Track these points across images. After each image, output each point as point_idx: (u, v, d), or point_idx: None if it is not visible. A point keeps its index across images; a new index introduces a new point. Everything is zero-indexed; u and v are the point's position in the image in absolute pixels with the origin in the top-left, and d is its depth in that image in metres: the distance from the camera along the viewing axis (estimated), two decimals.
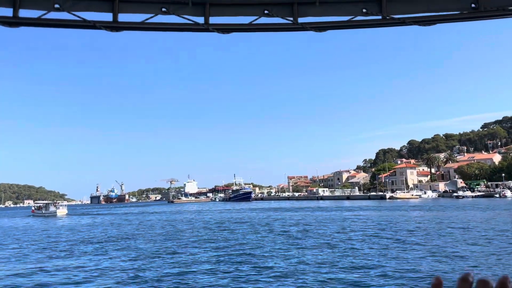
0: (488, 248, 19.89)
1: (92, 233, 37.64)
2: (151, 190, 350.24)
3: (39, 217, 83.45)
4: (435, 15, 4.96)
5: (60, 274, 16.94)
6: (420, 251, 19.63)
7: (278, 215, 55.21)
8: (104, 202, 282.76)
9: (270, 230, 32.79)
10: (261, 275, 15.28)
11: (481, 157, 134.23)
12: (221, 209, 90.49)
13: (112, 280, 15.45)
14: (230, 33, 6.33)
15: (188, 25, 6.22)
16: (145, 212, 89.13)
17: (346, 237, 26.62)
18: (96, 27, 5.93)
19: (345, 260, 17.76)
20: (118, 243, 28.00)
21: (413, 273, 14.63)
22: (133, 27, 6.20)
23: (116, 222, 53.93)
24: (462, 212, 46.91)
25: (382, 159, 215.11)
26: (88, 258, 21.64)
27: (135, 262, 19.56)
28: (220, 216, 59.06)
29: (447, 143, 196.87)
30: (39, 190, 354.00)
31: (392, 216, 44.30)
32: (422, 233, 27.16)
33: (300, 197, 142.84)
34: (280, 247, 22.38)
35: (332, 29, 5.93)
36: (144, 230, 38.58)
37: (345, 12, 5.67)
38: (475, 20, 4.71)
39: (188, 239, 28.94)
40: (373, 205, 74.41)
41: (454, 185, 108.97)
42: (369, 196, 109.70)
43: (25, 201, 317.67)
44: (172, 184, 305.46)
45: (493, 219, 36.16)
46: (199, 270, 16.73)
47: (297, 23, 6.04)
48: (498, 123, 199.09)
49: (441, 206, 62.59)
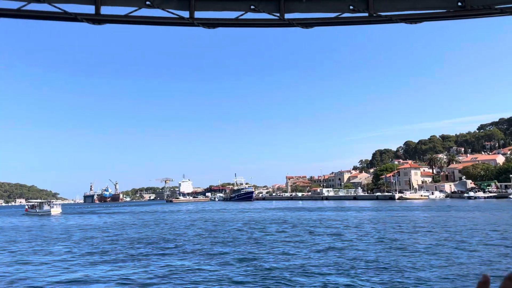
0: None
1: (128, 233, 35.49)
2: (144, 189, 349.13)
3: (33, 216, 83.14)
4: (421, 13, 4.87)
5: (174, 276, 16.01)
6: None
7: (313, 215, 53.52)
8: (98, 201, 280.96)
9: (344, 229, 31.71)
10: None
11: (484, 158, 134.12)
12: (232, 208, 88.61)
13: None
14: (215, 28, 6.21)
15: (172, 19, 6.09)
16: (154, 211, 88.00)
17: (427, 239, 25.41)
18: (77, 19, 5.80)
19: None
20: (177, 244, 26.03)
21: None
22: (116, 20, 6.06)
23: (138, 222, 51.29)
24: (497, 214, 45.55)
25: (379, 159, 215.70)
26: (178, 257, 20.58)
27: (229, 266, 17.92)
28: (243, 216, 56.25)
29: (444, 144, 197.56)
30: (31, 189, 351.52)
31: (434, 217, 42.66)
32: (493, 234, 26.69)
33: (304, 197, 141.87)
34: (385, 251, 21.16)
35: (319, 25, 5.83)
36: (184, 230, 36.41)
37: (332, 9, 5.57)
38: (462, 19, 4.61)
39: (251, 240, 26.69)
40: (390, 206, 72.31)
41: (463, 186, 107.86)
42: (377, 197, 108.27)
43: (17, 200, 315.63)
44: (166, 184, 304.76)
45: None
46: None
47: (284, 19, 5.93)
48: (495, 124, 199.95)
49: (465, 207, 60.84)
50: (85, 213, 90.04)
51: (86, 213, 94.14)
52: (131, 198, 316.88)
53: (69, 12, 5.77)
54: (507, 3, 4.48)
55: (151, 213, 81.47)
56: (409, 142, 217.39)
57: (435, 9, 4.81)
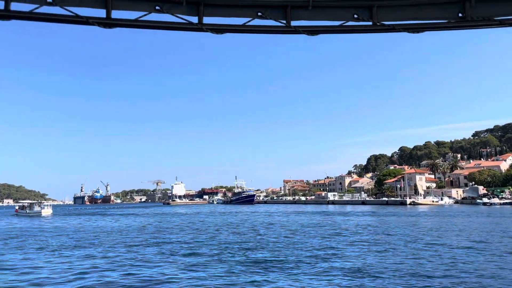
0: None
1: (219, 237, 31.06)
2: (135, 191, 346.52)
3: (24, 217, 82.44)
4: (423, 23, 5.07)
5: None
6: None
7: (349, 219, 50.28)
8: (88, 202, 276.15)
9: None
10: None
11: (488, 164, 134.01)
12: (244, 211, 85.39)
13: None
14: (223, 33, 6.38)
15: (181, 24, 6.26)
16: (169, 213, 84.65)
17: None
18: (89, 23, 5.94)
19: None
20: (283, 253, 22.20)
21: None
22: (126, 24, 6.21)
23: (184, 224, 46.78)
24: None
25: (374, 164, 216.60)
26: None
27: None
28: (271, 220, 51.26)
29: (439, 150, 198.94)
30: (19, 189, 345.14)
31: (476, 223, 40.04)
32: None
33: (308, 201, 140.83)
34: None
35: (323, 33, 6.01)
36: (262, 237, 31.38)
37: (336, 17, 5.76)
38: (462, 29, 4.81)
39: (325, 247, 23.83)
40: (412, 212, 68.28)
41: (475, 192, 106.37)
42: (387, 202, 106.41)
43: (5, 201, 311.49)
44: (158, 186, 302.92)
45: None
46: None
47: (290, 26, 6.12)
48: (489, 131, 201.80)
49: (495, 213, 58.09)
50: (83, 215, 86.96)
51: (86, 214, 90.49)
52: (121, 200, 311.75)
53: (80, 15, 5.92)
54: (506, 15, 4.69)
55: (169, 215, 77.11)
56: (404, 147, 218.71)
57: (437, 20, 5.02)
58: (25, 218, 75.86)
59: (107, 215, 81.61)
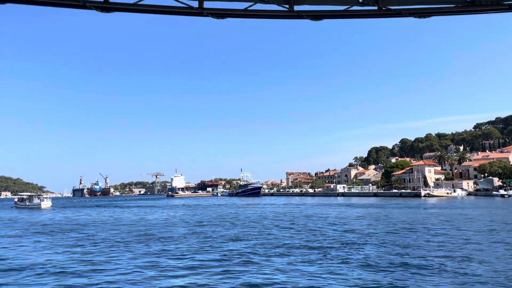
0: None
1: (271, 232, 29.20)
2: (134, 183, 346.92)
3: (23, 209, 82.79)
4: (431, 8, 4.92)
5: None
6: None
7: (376, 211, 49.79)
8: (87, 195, 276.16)
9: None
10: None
11: (497, 156, 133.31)
12: (256, 203, 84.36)
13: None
14: (224, 18, 6.23)
15: (182, 8, 6.11)
16: (183, 205, 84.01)
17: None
18: (86, 6, 5.79)
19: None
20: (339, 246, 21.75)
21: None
22: (124, 9, 6.06)
23: (211, 218, 45.40)
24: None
25: (375, 157, 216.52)
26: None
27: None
28: (302, 212, 50.47)
29: (441, 142, 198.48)
30: (17, 181, 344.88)
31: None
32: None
33: (317, 193, 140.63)
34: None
35: (328, 18, 5.86)
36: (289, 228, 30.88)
37: (341, 2, 5.60)
38: (470, 14, 4.67)
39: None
40: (432, 204, 66.42)
41: (489, 183, 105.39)
42: (401, 194, 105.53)
43: (2, 193, 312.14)
44: (157, 178, 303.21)
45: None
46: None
47: (293, 11, 5.96)
48: (491, 123, 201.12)
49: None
50: (88, 207, 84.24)
51: (95, 206, 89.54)
52: (120, 193, 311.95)
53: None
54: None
55: (191, 207, 75.84)
56: (405, 139, 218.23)
57: (444, 4, 4.87)
58: (25, 210, 76.11)
59: (123, 207, 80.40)
